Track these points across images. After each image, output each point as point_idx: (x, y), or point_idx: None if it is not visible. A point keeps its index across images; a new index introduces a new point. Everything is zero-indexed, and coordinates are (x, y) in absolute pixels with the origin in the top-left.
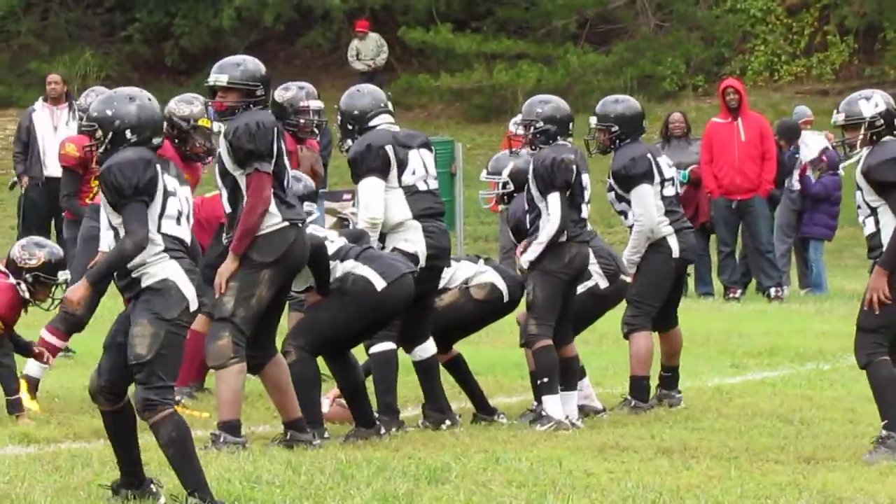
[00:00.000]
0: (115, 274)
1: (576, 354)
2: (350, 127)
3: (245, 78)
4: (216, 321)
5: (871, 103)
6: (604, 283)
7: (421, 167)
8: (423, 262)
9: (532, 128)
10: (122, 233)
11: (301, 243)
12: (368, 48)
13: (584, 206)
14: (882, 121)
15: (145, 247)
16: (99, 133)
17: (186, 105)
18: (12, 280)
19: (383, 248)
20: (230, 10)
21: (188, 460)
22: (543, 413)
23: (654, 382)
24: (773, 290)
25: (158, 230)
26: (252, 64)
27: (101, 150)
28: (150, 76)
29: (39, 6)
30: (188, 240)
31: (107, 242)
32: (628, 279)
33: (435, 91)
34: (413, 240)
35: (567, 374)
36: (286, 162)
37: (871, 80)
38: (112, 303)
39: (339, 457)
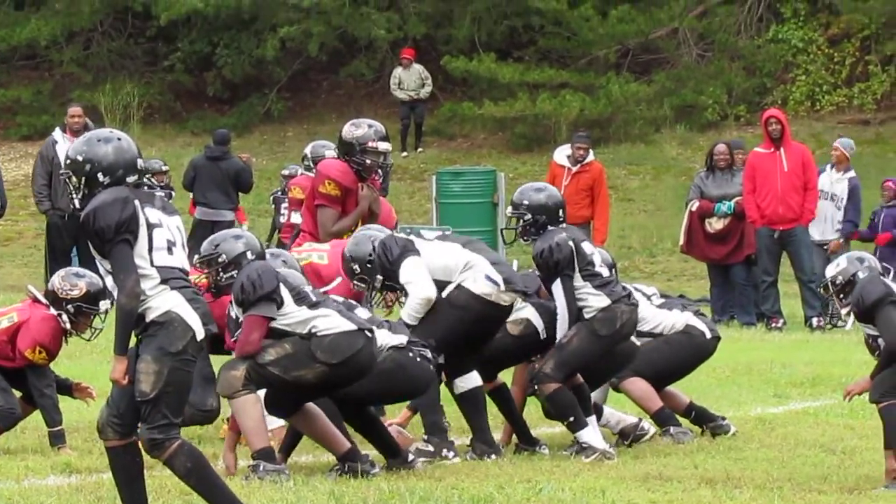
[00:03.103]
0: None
1: (582, 382)
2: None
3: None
4: (244, 357)
5: None
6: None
7: None
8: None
9: (521, 220)
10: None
11: (368, 353)
12: (411, 78)
13: (604, 268)
14: None
15: (138, 292)
16: (74, 180)
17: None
18: (53, 311)
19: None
20: (274, 40)
21: (211, 484)
22: (584, 445)
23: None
24: (815, 320)
25: (151, 264)
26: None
27: (79, 196)
28: (192, 105)
29: (82, 36)
30: (186, 267)
31: (109, 283)
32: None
33: (478, 120)
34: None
35: (580, 400)
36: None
37: None
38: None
39: (381, 487)
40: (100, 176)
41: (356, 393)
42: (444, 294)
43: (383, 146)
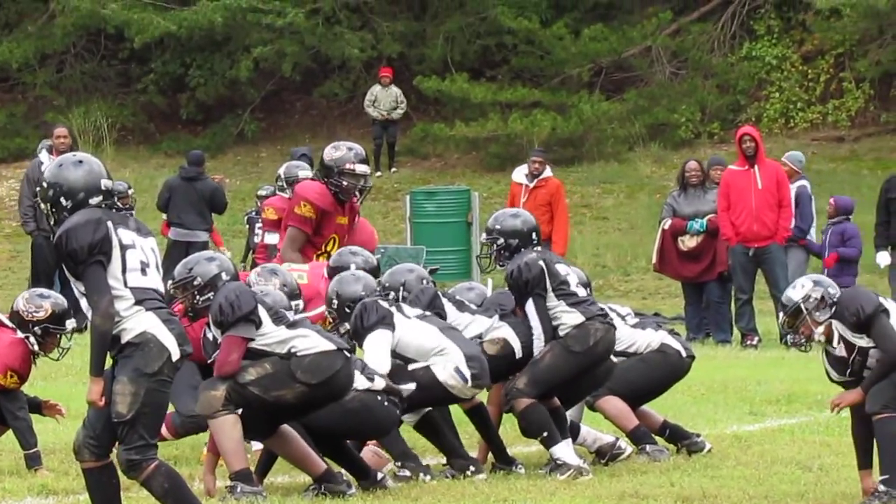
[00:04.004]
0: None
1: (559, 405)
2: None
3: None
4: (224, 377)
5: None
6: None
7: None
8: None
9: (495, 244)
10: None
11: (347, 374)
12: (388, 99)
13: (580, 288)
14: None
15: (112, 312)
16: (43, 206)
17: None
18: (20, 334)
19: None
20: (247, 61)
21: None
22: (558, 462)
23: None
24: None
25: (125, 285)
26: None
27: (52, 223)
28: (165, 127)
29: (55, 58)
30: (160, 288)
31: (84, 305)
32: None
33: (451, 140)
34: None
35: (556, 423)
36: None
37: (888, 126)
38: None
39: None
40: (62, 200)
41: (321, 424)
42: (409, 367)
43: (361, 168)
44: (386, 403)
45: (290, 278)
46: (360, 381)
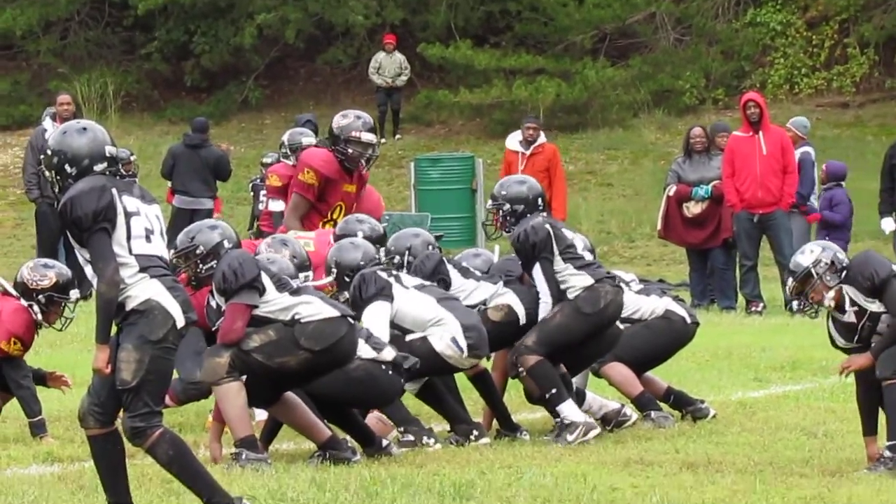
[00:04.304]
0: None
1: (564, 372)
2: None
3: None
4: (227, 344)
5: None
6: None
7: None
8: None
9: (500, 211)
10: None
11: (351, 341)
12: (392, 66)
13: (586, 253)
14: None
15: (117, 280)
16: (47, 174)
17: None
18: (24, 302)
19: None
20: (251, 28)
21: (193, 472)
22: (565, 422)
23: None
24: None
25: (130, 252)
26: None
27: (57, 190)
28: (169, 94)
29: (59, 25)
30: (165, 255)
31: (89, 272)
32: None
33: (454, 107)
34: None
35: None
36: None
37: (892, 91)
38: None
39: (363, 474)
40: (67, 167)
41: (324, 392)
42: (407, 338)
43: (367, 137)
44: (390, 373)
45: (300, 249)
46: (365, 350)
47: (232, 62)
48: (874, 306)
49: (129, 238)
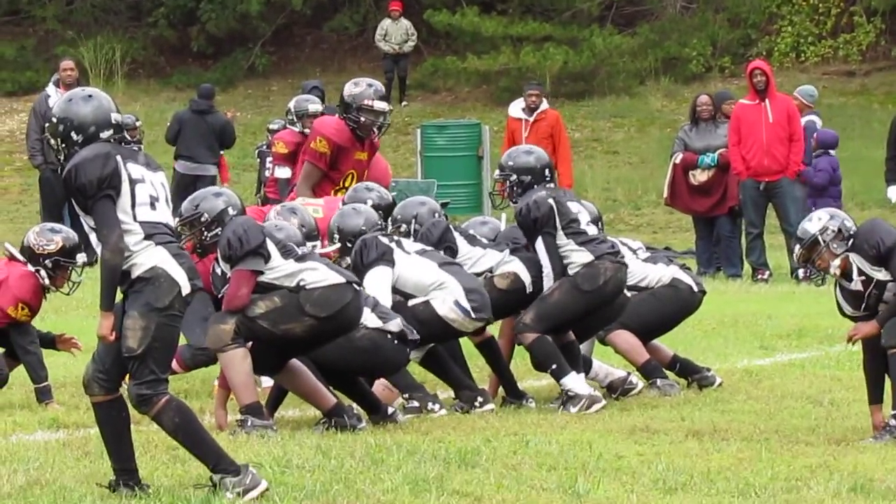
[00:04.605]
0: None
1: (572, 339)
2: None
3: None
4: (232, 311)
5: None
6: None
7: None
8: None
9: (507, 181)
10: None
11: (356, 307)
12: (398, 32)
13: (591, 227)
14: None
15: (122, 247)
16: (52, 142)
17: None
18: (31, 268)
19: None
20: None
21: (199, 439)
22: (570, 393)
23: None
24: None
25: (135, 219)
26: None
27: (62, 158)
28: (176, 60)
29: None
30: (170, 222)
31: (94, 239)
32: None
33: (462, 73)
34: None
35: (569, 357)
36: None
37: None
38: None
39: (369, 441)
40: (73, 135)
41: (330, 361)
42: (409, 303)
43: (379, 105)
44: (396, 342)
45: (308, 217)
46: (371, 320)
47: (238, 29)
48: (880, 275)
49: (133, 205)
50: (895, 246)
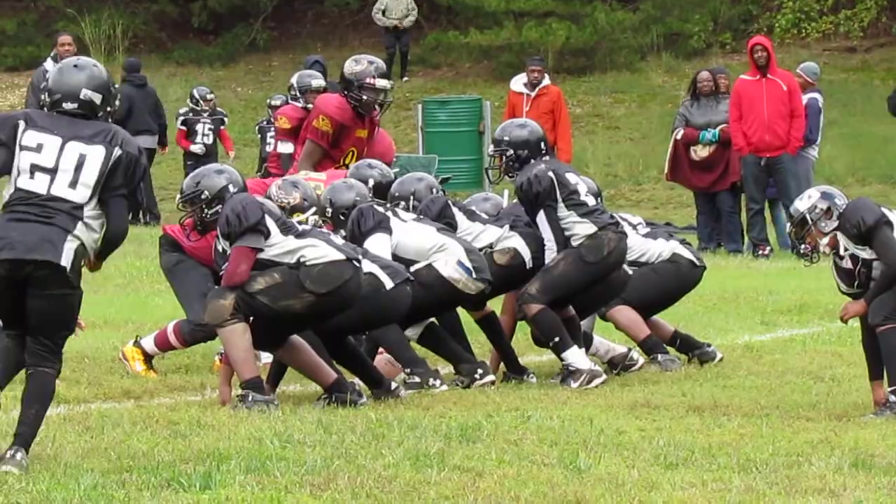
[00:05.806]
0: None
1: (574, 314)
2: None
3: None
4: (232, 285)
5: None
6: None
7: None
8: None
9: (504, 156)
10: None
11: (356, 284)
12: (398, 7)
13: (589, 197)
14: None
15: None
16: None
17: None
18: None
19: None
20: None
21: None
22: (571, 368)
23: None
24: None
25: (15, 186)
26: None
27: None
28: (177, 36)
29: None
30: (49, 192)
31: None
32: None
33: (463, 49)
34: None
35: (570, 332)
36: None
37: None
38: (140, 262)
39: (370, 416)
40: (44, 96)
41: (337, 322)
42: (412, 268)
43: (381, 83)
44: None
45: (310, 192)
46: (365, 265)
47: (240, 4)
48: (865, 254)
49: (19, 172)
50: (876, 225)
